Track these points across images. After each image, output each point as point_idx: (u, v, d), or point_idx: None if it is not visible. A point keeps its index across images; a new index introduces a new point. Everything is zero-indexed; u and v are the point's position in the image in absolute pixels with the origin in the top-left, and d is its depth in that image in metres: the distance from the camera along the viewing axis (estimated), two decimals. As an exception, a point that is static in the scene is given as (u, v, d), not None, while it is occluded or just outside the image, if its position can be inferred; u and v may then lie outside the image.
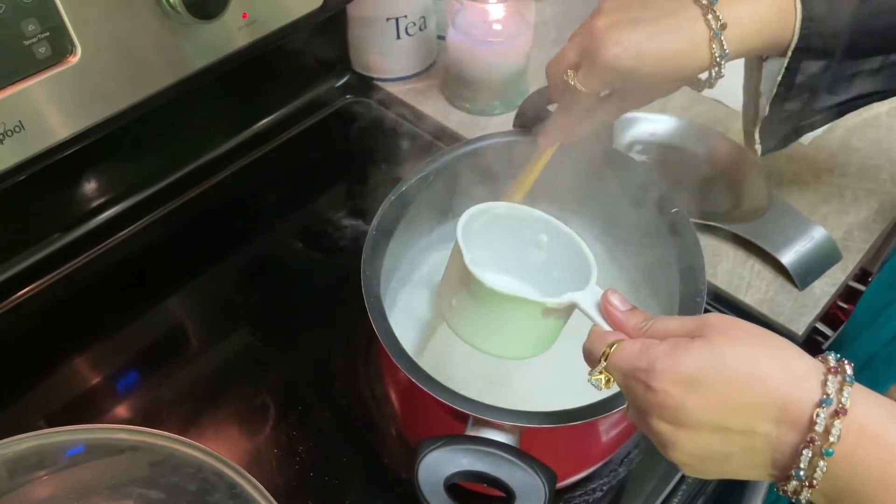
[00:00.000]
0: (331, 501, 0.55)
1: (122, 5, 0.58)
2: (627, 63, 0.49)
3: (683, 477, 0.57)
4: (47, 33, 0.55)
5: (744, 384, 0.34)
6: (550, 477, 0.43)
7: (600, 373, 0.39)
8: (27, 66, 0.55)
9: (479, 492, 0.51)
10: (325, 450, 0.58)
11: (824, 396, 0.33)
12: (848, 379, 0.34)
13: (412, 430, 0.58)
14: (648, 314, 0.41)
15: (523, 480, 0.43)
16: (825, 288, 0.67)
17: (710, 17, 0.49)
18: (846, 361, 0.35)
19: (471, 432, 0.45)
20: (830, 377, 0.34)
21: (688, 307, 0.51)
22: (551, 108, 0.66)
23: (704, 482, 0.58)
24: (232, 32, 0.67)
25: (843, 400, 0.33)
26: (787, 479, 0.34)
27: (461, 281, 0.47)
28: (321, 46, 0.83)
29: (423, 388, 0.46)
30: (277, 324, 0.68)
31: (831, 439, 0.33)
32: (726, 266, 0.69)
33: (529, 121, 0.61)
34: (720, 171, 0.76)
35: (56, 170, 0.62)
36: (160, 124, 0.71)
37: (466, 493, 0.48)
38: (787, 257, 0.67)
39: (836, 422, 0.33)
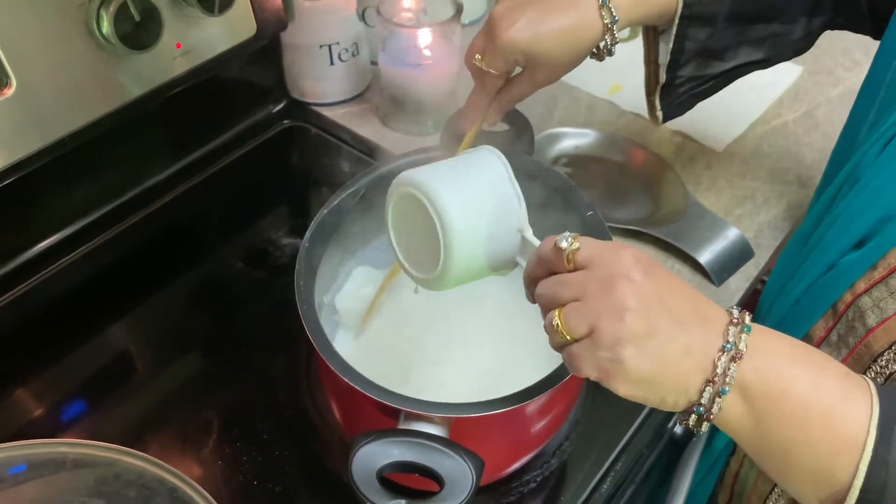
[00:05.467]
0: (275, 507, 0.57)
1: (56, 38, 0.60)
2: (523, 43, 0.55)
3: (612, 464, 0.60)
4: (-19, 66, 0.57)
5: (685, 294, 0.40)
6: (477, 463, 0.45)
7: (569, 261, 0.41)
8: (-38, 98, 0.57)
9: (412, 488, 0.53)
10: (269, 459, 0.60)
11: (725, 343, 0.38)
12: (745, 329, 0.39)
13: (352, 433, 0.60)
14: None
15: (452, 467, 0.45)
16: (739, 283, 0.72)
17: None
18: (746, 313, 0.39)
19: (402, 426, 0.48)
20: (731, 328, 0.39)
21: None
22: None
23: (629, 472, 0.61)
24: (167, 62, 0.69)
25: (740, 346, 0.38)
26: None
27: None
28: (258, 74, 0.86)
29: (354, 385, 0.48)
30: (221, 342, 0.69)
31: (728, 380, 0.37)
32: (648, 267, 0.73)
33: (454, 138, 0.64)
34: (640, 178, 0.80)
35: (-6, 199, 0.63)
36: (100, 152, 0.72)
37: (401, 488, 0.50)
38: (704, 257, 0.72)
39: (733, 365, 0.37)
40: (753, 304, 0.71)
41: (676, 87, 0.64)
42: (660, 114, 0.66)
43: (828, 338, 0.54)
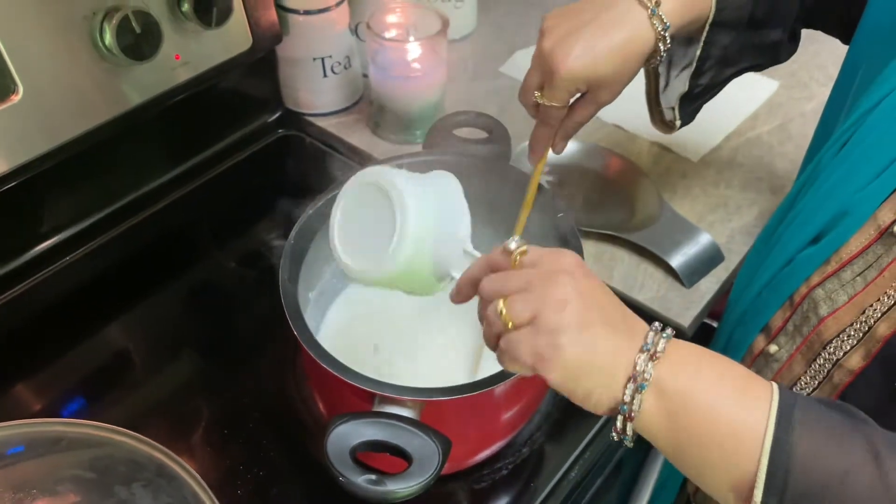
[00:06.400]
0: (259, 489, 0.60)
1: (61, 48, 0.64)
2: (582, 70, 0.56)
3: (581, 454, 0.63)
4: (-10, 73, 0.61)
5: (616, 303, 0.43)
6: (444, 442, 0.48)
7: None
8: (-28, 104, 0.61)
9: (384, 471, 0.56)
10: (255, 446, 0.63)
11: (645, 344, 0.41)
12: (665, 336, 0.41)
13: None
14: None
15: (420, 446, 0.48)
16: (709, 285, 0.75)
17: None
18: (668, 328, 0.42)
19: (377, 409, 0.51)
20: (651, 334, 0.41)
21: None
22: (457, 132, 0.74)
23: (597, 461, 0.64)
24: (166, 72, 0.73)
25: (658, 349, 0.41)
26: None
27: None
28: (254, 85, 0.90)
29: (332, 370, 0.51)
30: (214, 339, 0.73)
31: (646, 377, 0.40)
32: (622, 269, 0.76)
33: (437, 144, 0.68)
34: (617, 186, 0.84)
35: (-2, 200, 0.67)
36: (101, 157, 0.76)
37: (374, 472, 0.53)
38: (676, 260, 0.75)
39: (651, 364, 0.40)
40: (723, 305, 0.74)
41: (696, 96, 0.65)
42: (679, 122, 0.67)
43: (784, 327, 0.57)
